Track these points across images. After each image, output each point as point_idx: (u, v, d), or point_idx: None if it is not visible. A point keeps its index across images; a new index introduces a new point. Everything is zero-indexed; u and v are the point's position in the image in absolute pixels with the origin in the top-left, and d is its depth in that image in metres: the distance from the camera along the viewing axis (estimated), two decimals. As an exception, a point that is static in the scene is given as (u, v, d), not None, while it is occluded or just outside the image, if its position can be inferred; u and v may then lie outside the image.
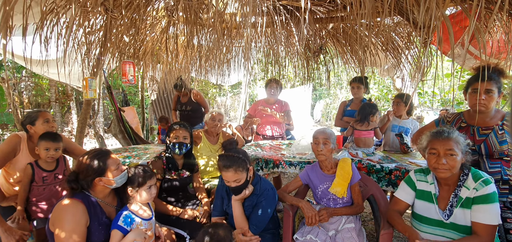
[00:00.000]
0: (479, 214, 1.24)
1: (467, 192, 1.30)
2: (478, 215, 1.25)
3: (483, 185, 1.27)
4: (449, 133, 1.33)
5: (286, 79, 9.52)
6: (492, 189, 1.25)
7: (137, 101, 9.42)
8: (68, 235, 1.24)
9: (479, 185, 1.28)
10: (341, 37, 3.44)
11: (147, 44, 3.24)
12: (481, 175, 1.31)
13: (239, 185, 1.59)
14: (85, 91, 2.25)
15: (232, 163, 1.56)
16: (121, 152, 2.71)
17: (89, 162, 1.39)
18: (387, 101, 8.73)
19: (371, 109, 2.66)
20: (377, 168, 2.08)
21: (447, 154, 1.29)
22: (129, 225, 1.39)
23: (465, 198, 1.30)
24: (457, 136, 1.33)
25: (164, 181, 2.01)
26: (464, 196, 1.30)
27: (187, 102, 3.99)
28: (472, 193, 1.28)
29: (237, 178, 1.56)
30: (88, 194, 1.40)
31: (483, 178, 1.29)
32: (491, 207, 1.23)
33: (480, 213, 1.24)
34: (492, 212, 1.22)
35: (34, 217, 1.84)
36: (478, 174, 1.32)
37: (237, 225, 1.65)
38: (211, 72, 3.94)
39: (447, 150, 1.29)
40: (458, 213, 1.31)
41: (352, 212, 1.73)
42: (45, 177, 1.85)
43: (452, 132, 1.34)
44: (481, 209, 1.24)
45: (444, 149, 1.30)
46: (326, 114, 13.18)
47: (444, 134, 1.33)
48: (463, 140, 1.33)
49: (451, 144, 1.29)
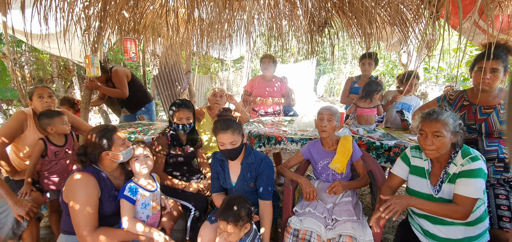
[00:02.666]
0: (460, 186, 1.29)
1: (454, 168, 1.34)
2: (459, 188, 1.29)
3: (469, 161, 1.30)
4: (437, 115, 1.34)
5: (290, 54, 9.34)
6: (478, 165, 1.28)
7: (139, 76, 9.38)
8: (82, 207, 1.31)
9: (466, 161, 1.31)
10: (347, 9, 3.31)
11: (147, 18, 3.16)
12: (470, 152, 1.33)
13: (235, 148, 1.63)
14: (88, 69, 2.24)
15: (229, 125, 1.62)
16: (126, 127, 2.76)
17: (96, 137, 1.44)
18: (392, 76, 8.58)
19: (376, 87, 2.64)
20: (377, 145, 2.11)
21: (434, 135, 1.32)
22: (135, 195, 1.46)
23: (452, 174, 1.34)
24: (446, 117, 1.33)
25: (169, 156, 2.07)
26: (451, 172, 1.34)
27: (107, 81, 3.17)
28: (458, 169, 1.32)
29: (233, 139, 1.61)
30: (98, 168, 1.46)
31: (471, 155, 1.31)
32: (473, 181, 1.26)
33: (461, 185, 1.29)
34: (473, 185, 1.25)
35: (46, 189, 1.93)
36: (467, 151, 1.35)
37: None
38: (213, 46, 3.85)
39: (434, 131, 1.32)
40: (446, 188, 1.36)
41: (361, 184, 1.82)
42: (57, 152, 1.91)
43: (441, 113, 1.34)
44: (463, 182, 1.28)
45: (432, 130, 1.32)
46: (329, 90, 13.05)
47: (433, 115, 1.34)
48: (452, 121, 1.33)
49: (438, 126, 1.31)
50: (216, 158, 1.81)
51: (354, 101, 2.75)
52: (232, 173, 1.77)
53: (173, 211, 1.73)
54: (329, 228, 1.57)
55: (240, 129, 1.67)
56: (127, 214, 1.42)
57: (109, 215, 1.44)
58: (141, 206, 1.49)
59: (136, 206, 1.47)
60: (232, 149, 1.63)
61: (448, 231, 1.36)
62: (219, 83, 11.14)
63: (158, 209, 1.60)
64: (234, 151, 1.64)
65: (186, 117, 2.08)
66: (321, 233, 1.53)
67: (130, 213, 1.43)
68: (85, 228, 1.31)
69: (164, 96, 5.95)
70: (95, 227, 1.34)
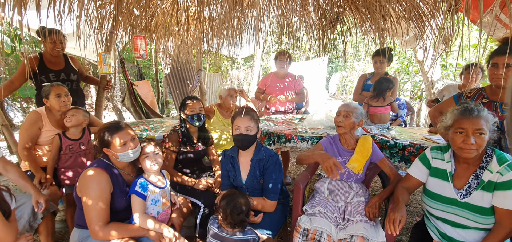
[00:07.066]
0: (505, 200, 1.19)
1: (490, 175, 1.24)
2: (503, 201, 1.20)
3: (508, 169, 1.21)
4: (479, 111, 1.25)
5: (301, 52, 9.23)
6: None
7: (152, 75, 9.55)
8: (94, 202, 1.34)
9: (504, 169, 1.21)
10: (360, 5, 3.22)
11: (158, 17, 3.21)
12: (506, 158, 1.24)
13: (249, 135, 1.65)
14: (100, 66, 2.29)
15: (248, 111, 1.68)
16: (138, 125, 2.81)
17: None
18: (407, 74, 8.30)
19: (387, 85, 2.56)
20: (391, 144, 2.04)
21: (476, 133, 1.22)
22: (145, 191, 1.48)
23: (487, 181, 1.25)
24: (487, 114, 1.25)
25: (179, 154, 2.09)
26: (486, 179, 1.25)
27: (67, 68, 2.59)
28: (495, 177, 1.23)
29: (249, 125, 1.64)
30: (111, 164, 1.49)
31: (508, 162, 1.22)
32: None
33: (505, 199, 1.19)
34: None
35: (62, 184, 2.01)
36: (503, 157, 1.25)
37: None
38: (223, 44, 3.85)
39: (476, 129, 1.22)
40: (477, 195, 1.27)
41: (393, 187, 1.62)
42: (71, 146, 1.98)
43: (481, 109, 1.26)
44: (506, 195, 1.19)
45: (473, 128, 1.22)
46: (341, 88, 12.82)
47: (474, 112, 1.25)
48: (492, 117, 1.25)
49: (481, 123, 1.22)
50: (227, 155, 1.81)
51: (365, 100, 2.68)
52: (242, 170, 1.77)
53: (183, 207, 1.74)
54: (340, 228, 1.54)
55: (258, 120, 1.72)
56: (138, 209, 1.44)
57: (120, 210, 1.46)
58: (151, 202, 1.51)
59: (146, 202, 1.49)
60: (246, 135, 1.64)
61: (467, 234, 1.29)
62: (230, 82, 11.19)
63: (168, 206, 1.62)
64: (248, 137, 1.65)
65: (199, 107, 2.10)
66: (332, 233, 1.49)
67: (141, 209, 1.45)
68: (97, 223, 1.34)
69: (176, 95, 6.03)
70: (107, 222, 1.37)
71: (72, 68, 2.63)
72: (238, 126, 1.66)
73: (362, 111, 1.81)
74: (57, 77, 2.51)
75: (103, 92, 2.92)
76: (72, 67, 2.63)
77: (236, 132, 1.67)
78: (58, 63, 2.54)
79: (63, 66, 2.57)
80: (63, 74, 2.55)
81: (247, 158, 1.74)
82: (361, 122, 1.80)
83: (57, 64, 2.54)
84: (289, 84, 3.25)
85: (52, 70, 2.50)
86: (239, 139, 1.67)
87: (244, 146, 1.69)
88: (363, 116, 1.81)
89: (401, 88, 8.25)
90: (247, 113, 1.67)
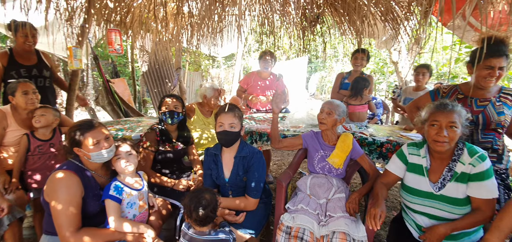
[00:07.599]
0: (479, 190, 1.28)
1: (462, 167, 1.32)
2: (478, 191, 1.28)
3: (479, 160, 1.29)
4: (452, 106, 1.33)
5: (281, 51, 9.32)
6: (488, 164, 1.28)
7: (128, 73, 9.15)
8: (65, 207, 1.24)
9: (475, 160, 1.30)
10: (339, 6, 3.31)
11: (135, 12, 3.07)
12: (476, 150, 1.33)
13: (233, 131, 1.63)
14: (70, 61, 2.14)
15: (231, 108, 1.67)
16: (113, 125, 2.67)
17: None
18: (382, 74, 8.69)
19: (364, 83, 2.64)
20: (369, 141, 2.11)
21: (449, 126, 1.30)
22: (120, 194, 1.40)
23: (460, 172, 1.32)
24: (460, 108, 1.33)
25: (158, 153, 2.00)
26: (459, 171, 1.32)
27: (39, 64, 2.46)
28: (468, 169, 1.31)
29: (233, 122, 1.63)
30: (82, 166, 1.39)
31: (478, 153, 1.31)
32: (489, 182, 1.27)
33: (480, 189, 1.27)
34: (490, 186, 1.26)
35: (30, 188, 1.86)
36: (473, 149, 1.34)
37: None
38: (204, 42, 3.77)
39: (449, 122, 1.29)
40: (451, 187, 1.34)
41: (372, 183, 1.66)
42: (40, 147, 1.84)
43: (455, 104, 1.34)
44: (480, 185, 1.27)
45: (447, 121, 1.30)
46: (321, 88, 13.14)
47: (448, 106, 1.33)
48: (464, 113, 1.33)
49: (454, 117, 1.29)
50: (209, 153, 1.77)
51: (344, 99, 2.75)
52: (226, 167, 1.73)
53: (162, 209, 1.67)
54: (322, 225, 1.55)
55: (241, 117, 1.70)
56: (113, 213, 1.35)
57: (93, 214, 1.37)
58: (127, 205, 1.43)
59: (121, 205, 1.41)
60: (229, 132, 1.62)
61: None
62: (211, 81, 11.03)
63: (145, 208, 1.54)
64: (231, 134, 1.63)
65: (174, 105, 2.01)
66: (314, 230, 1.50)
67: (116, 213, 1.37)
68: (68, 229, 1.24)
69: (154, 93, 5.82)
70: (78, 228, 1.27)
71: (45, 64, 2.49)
72: (221, 123, 1.63)
73: (344, 109, 1.85)
74: (29, 73, 2.37)
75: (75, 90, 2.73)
76: (45, 63, 2.50)
77: (220, 129, 1.64)
78: (29, 58, 2.41)
79: (36, 62, 2.44)
80: (35, 70, 2.41)
81: (230, 156, 1.71)
82: (342, 119, 1.84)
83: (29, 60, 2.41)
84: (271, 83, 3.25)
85: (23, 65, 2.37)
86: (222, 136, 1.64)
87: (227, 143, 1.67)
88: (345, 114, 1.85)
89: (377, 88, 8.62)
90: (231, 110, 1.65)
